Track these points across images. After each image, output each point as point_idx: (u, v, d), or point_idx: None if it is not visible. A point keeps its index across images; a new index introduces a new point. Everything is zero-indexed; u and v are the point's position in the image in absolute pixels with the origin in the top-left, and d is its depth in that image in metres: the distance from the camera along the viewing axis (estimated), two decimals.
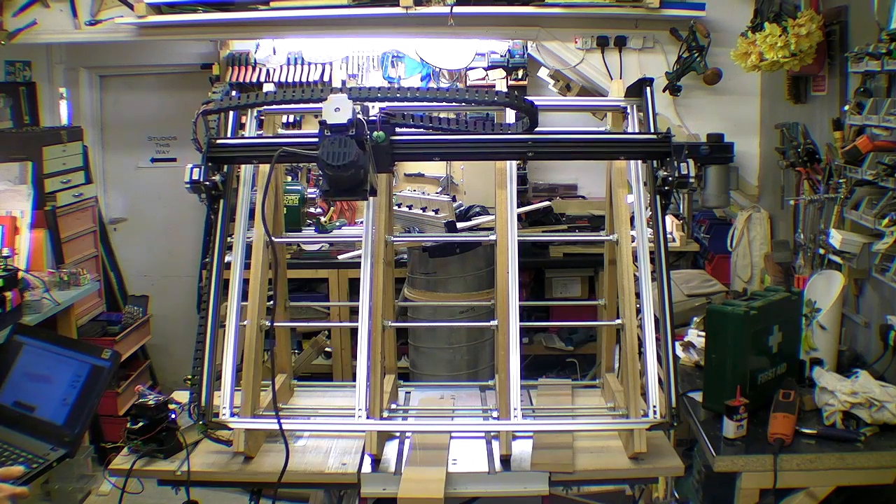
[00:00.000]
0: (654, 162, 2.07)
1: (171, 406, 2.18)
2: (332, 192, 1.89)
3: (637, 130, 2.29)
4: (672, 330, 2.02)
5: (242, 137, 2.34)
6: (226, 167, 2.09)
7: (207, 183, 2.01)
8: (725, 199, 3.64)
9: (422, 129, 2.08)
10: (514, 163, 2.33)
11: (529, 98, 2.05)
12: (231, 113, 2.28)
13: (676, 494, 2.87)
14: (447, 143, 2.11)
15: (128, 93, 5.19)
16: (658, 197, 2.05)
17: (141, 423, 2.09)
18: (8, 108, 4.45)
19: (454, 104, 2.27)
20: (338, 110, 1.83)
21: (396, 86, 1.89)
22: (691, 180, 2.02)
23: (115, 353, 2.29)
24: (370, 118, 1.93)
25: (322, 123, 1.83)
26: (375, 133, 1.91)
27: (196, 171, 2.01)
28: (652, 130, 2.19)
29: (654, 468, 2.08)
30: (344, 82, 4.83)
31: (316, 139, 1.85)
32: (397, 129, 2.01)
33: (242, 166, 2.28)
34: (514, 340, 2.08)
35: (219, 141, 2.07)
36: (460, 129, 2.06)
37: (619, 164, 2.31)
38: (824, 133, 3.06)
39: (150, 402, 2.12)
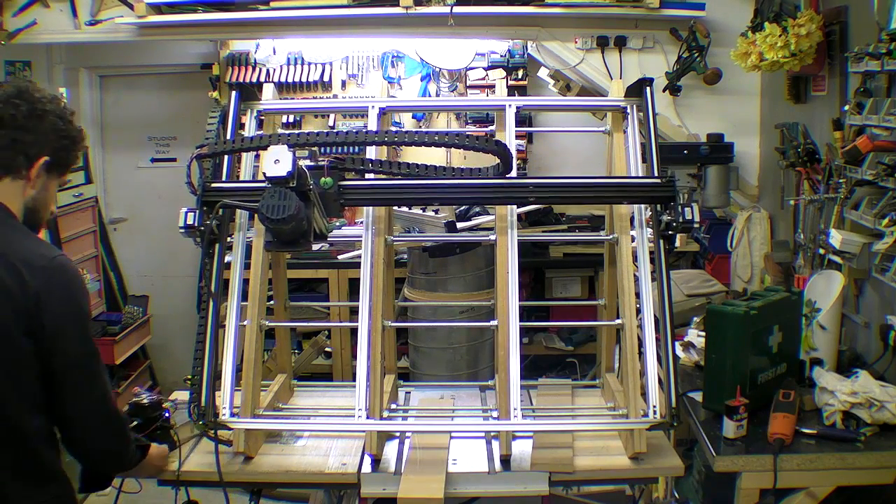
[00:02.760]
0: (658, 206, 2.07)
1: (165, 405, 2.19)
2: (276, 244, 1.86)
3: (637, 130, 2.29)
4: (672, 330, 2.02)
5: (237, 181, 2.29)
6: (221, 210, 2.03)
7: (202, 228, 1.98)
8: (725, 199, 3.64)
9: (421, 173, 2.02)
10: (515, 208, 2.24)
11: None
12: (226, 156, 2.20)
13: (676, 494, 2.87)
14: (408, 188, 2.08)
15: (128, 93, 5.19)
16: (661, 241, 2.05)
17: (135, 422, 2.09)
18: None
19: (406, 144, 2.17)
20: (277, 162, 1.76)
21: (340, 130, 1.79)
22: (696, 225, 2.01)
23: None
24: (317, 164, 1.89)
25: (263, 175, 1.78)
26: (322, 179, 1.88)
27: (191, 215, 1.97)
28: (653, 133, 2.19)
29: (654, 468, 2.08)
30: (344, 82, 4.84)
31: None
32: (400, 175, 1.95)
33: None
34: (514, 340, 2.08)
35: (213, 184, 2.04)
36: (423, 174, 2.01)
37: (619, 165, 2.31)
38: (824, 133, 3.06)
39: (145, 401, 2.12)
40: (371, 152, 2.24)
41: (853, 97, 2.76)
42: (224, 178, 2.21)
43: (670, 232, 2.03)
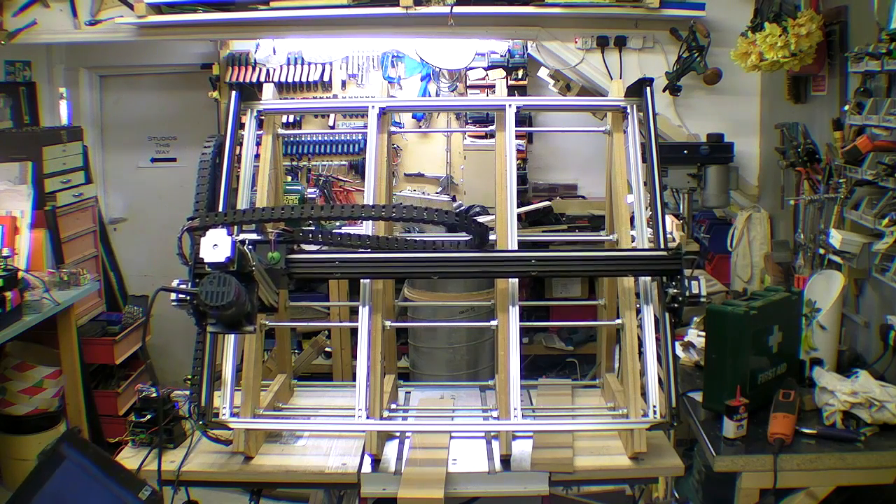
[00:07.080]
0: (664, 278, 2.04)
1: (173, 398, 2.20)
2: (219, 327, 1.82)
3: (637, 130, 2.29)
4: (672, 330, 2.02)
5: None
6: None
7: (195, 301, 1.88)
8: (725, 199, 3.64)
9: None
10: (516, 281, 2.17)
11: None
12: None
13: (676, 494, 2.87)
14: (366, 262, 2.03)
15: (128, 93, 5.19)
16: (667, 314, 2.02)
17: (148, 416, 2.10)
18: (8, 108, 4.45)
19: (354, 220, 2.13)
20: (216, 247, 1.71)
21: (286, 206, 1.72)
22: (702, 300, 1.97)
23: (154, 493, 2.01)
24: (265, 238, 1.86)
25: (202, 261, 1.74)
26: (269, 254, 1.85)
27: (183, 287, 1.90)
28: (653, 133, 2.19)
29: (654, 468, 2.09)
30: (344, 82, 4.84)
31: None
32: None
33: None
34: (514, 340, 2.08)
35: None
36: (396, 247, 1.99)
37: (619, 166, 2.31)
38: (824, 133, 3.06)
39: (154, 395, 2.13)
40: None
41: (853, 97, 2.76)
42: (224, 186, 2.18)
43: (675, 305, 1.99)
